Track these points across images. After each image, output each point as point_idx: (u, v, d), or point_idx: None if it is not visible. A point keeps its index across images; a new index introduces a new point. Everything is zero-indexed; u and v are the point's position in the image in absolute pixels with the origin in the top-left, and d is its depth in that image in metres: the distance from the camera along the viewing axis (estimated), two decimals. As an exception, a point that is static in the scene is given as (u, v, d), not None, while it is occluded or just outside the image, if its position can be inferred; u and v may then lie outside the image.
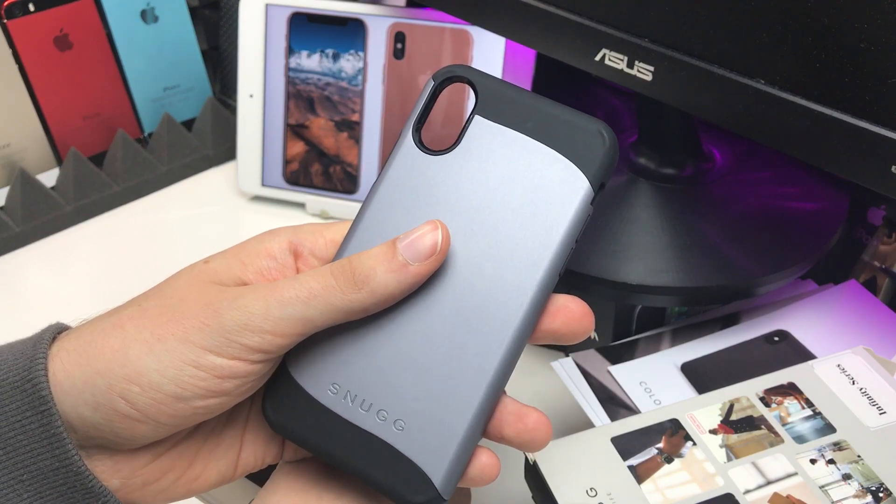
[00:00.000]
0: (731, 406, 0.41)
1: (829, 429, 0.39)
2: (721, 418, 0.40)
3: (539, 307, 0.34)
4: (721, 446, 0.39)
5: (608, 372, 0.48)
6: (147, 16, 0.73)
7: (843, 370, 0.42)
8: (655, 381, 0.47)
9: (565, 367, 0.48)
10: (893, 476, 0.37)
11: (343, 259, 0.33)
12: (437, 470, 0.33)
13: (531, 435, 0.34)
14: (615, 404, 0.46)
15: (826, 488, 0.37)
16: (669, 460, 0.38)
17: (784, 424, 0.40)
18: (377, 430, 0.34)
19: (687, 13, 0.43)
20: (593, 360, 0.48)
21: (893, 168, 0.39)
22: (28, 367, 0.32)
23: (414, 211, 0.35)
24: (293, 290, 0.32)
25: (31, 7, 0.67)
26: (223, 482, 0.37)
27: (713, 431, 0.40)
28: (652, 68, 0.45)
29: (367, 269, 0.32)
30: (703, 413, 0.40)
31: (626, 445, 0.39)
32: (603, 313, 0.52)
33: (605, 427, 0.40)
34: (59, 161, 0.71)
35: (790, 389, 0.41)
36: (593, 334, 0.53)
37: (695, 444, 0.39)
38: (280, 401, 0.35)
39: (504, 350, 0.33)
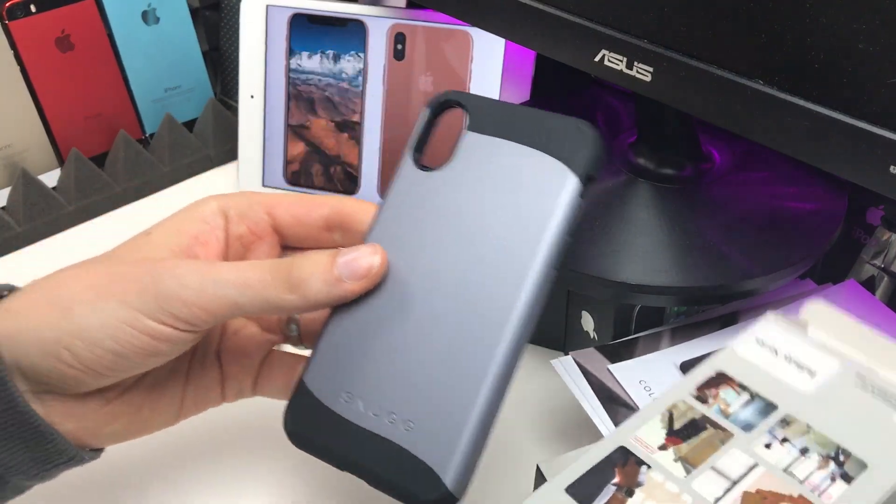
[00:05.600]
0: (671, 414, 0.38)
1: (770, 407, 0.38)
2: (665, 431, 0.38)
3: (534, 302, 0.34)
4: (676, 460, 0.37)
5: (608, 370, 0.48)
6: (148, 17, 0.73)
7: (763, 343, 0.40)
8: (655, 379, 0.47)
9: (565, 366, 0.48)
10: (845, 434, 0.36)
11: (285, 258, 0.34)
12: (446, 467, 0.33)
13: None
14: (615, 403, 0.46)
15: (789, 469, 0.35)
16: (630, 493, 0.36)
17: (727, 417, 0.38)
18: (388, 433, 0.34)
19: (686, 14, 0.43)
20: (593, 358, 0.49)
21: (892, 168, 0.39)
22: None
23: (413, 224, 0.36)
24: (231, 273, 0.33)
25: (33, 8, 0.67)
26: (168, 426, 0.40)
27: (662, 448, 0.37)
28: (651, 69, 0.45)
29: (303, 274, 0.34)
30: (645, 431, 0.38)
31: (582, 492, 0.36)
32: (603, 313, 0.52)
33: (556, 481, 0.37)
34: (61, 161, 0.71)
35: (721, 379, 0.40)
36: (592, 333, 0.53)
37: (649, 467, 0.37)
38: (300, 415, 0.36)
39: (503, 346, 0.34)
